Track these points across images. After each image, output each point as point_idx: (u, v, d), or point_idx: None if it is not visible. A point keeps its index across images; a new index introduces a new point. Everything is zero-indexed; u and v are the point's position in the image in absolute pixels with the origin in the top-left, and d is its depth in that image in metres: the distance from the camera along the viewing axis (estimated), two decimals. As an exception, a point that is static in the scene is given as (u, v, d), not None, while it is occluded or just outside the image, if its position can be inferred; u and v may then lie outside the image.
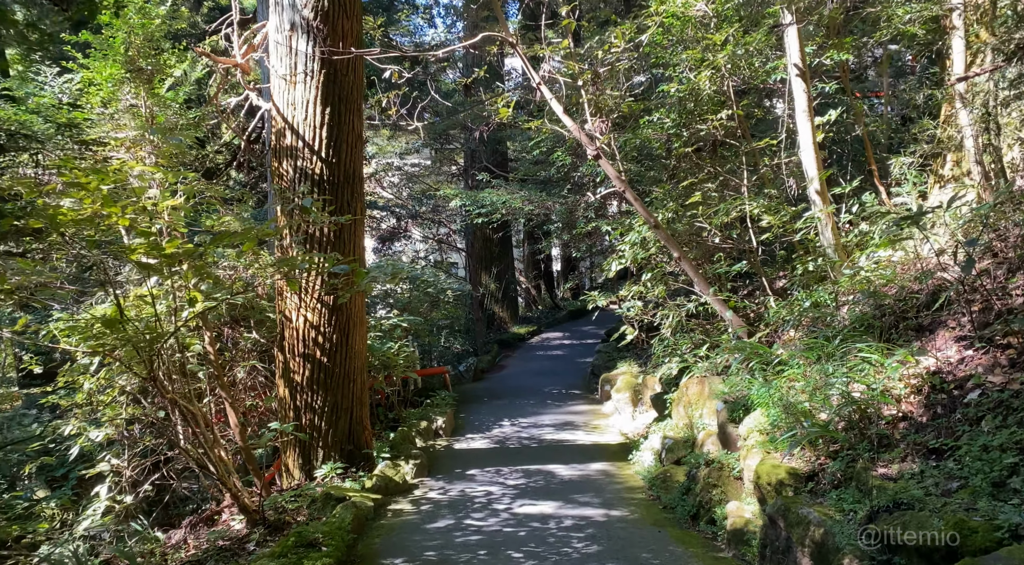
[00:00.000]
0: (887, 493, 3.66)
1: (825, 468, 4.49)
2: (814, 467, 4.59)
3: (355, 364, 7.34)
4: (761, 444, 5.36)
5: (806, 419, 4.96)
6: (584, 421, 10.23)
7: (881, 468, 4.05)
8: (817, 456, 4.67)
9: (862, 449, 4.32)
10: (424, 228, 19.91)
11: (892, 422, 4.47)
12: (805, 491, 4.47)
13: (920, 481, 3.71)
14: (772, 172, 7.63)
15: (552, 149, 10.99)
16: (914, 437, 4.13)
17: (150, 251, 4.21)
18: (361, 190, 7.25)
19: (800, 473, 4.62)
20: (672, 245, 7.17)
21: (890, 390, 4.65)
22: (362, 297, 7.44)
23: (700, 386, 7.33)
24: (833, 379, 5.00)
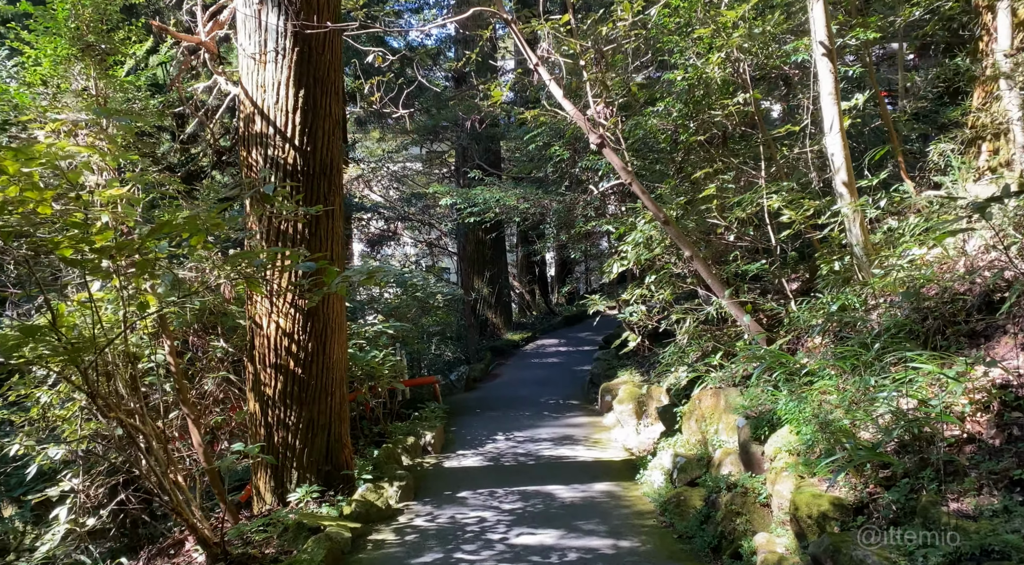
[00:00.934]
0: (969, 536, 3.01)
1: (877, 499, 3.84)
2: (862, 497, 3.94)
3: (333, 375, 6.67)
4: (792, 467, 4.71)
5: (847, 439, 4.31)
6: (584, 435, 9.58)
7: (952, 502, 3.40)
8: (865, 483, 4.02)
9: (924, 478, 3.68)
10: (414, 231, 19.23)
11: (956, 444, 3.83)
12: (854, 526, 3.82)
13: (1007, 520, 3.07)
14: (792, 163, 7.01)
15: (549, 144, 10.36)
16: (989, 464, 3.49)
17: (78, 244, 3.53)
18: (339, 182, 6.59)
19: (846, 504, 3.97)
20: (684, 243, 6.53)
21: (950, 407, 4.01)
22: (341, 301, 6.77)
23: (715, 398, 6.69)
24: (879, 393, 4.36)
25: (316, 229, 6.37)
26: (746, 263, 6.85)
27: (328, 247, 6.44)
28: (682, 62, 8.08)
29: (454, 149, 16.79)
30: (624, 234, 9.08)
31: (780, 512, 4.74)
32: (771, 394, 5.84)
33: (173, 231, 3.33)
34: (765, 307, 6.84)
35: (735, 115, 7.34)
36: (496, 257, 18.75)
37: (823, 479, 4.31)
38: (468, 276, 18.44)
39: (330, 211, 6.45)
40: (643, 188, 6.49)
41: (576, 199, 10.49)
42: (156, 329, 6.22)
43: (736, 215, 6.63)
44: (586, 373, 14.10)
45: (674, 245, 8.05)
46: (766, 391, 5.97)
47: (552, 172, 11.29)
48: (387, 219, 17.43)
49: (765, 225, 6.83)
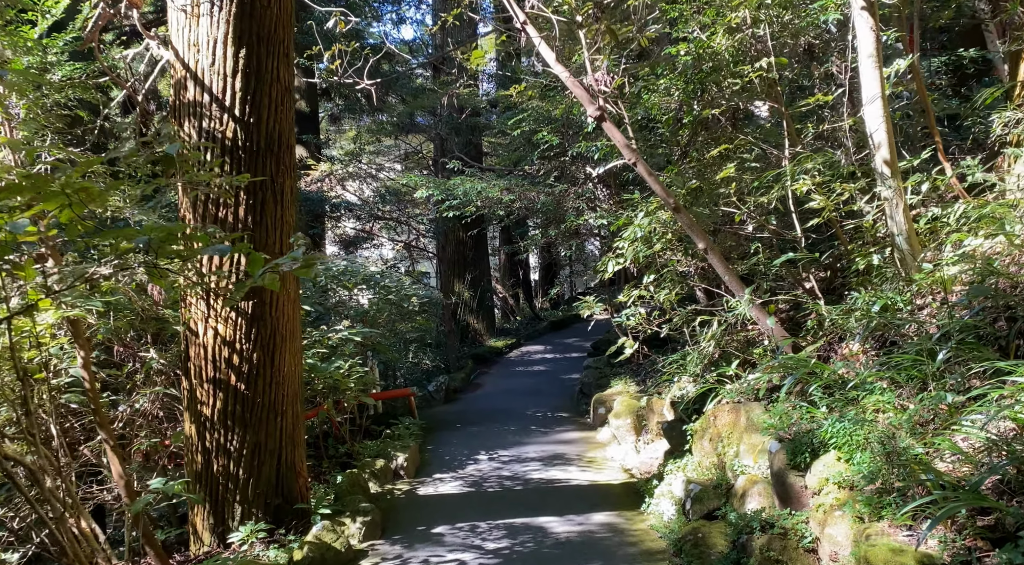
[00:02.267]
0: None
1: (983, 559, 2.94)
2: (960, 554, 3.03)
3: (284, 391, 5.69)
4: (848, 505, 3.80)
5: (925, 473, 3.41)
6: (577, 453, 8.64)
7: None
8: (960, 534, 3.11)
9: (1054, 533, 2.78)
10: (390, 230, 18.22)
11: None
12: (952, 594, 2.92)
13: None
14: (819, 142, 6.14)
15: (536, 130, 9.45)
16: None
17: None
18: (291, 162, 5.62)
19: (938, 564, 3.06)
20: (697, 233, 5.64)
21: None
22: (294, 304, 5.80)
23: (734, 415, 5.78)
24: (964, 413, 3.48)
25: (262, 217, 5.39)
26: (766, 257, 5.96)
27: (276, 238, 5.48)
28: (687, 33, 7.21)
29: (432, 142, 15.79)
30: (621, 228, 8.19)
31: (832, 563, 3.83)
32: (806, 412, 4.95)
33: (9, 196, 2.35)
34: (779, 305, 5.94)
35: (748, 90, 6.46)
36: (478, 259, 17.81)
37: (896, 525, 3.40)
38: (448, 279, 17.46)
39: (279, 196, 5.48)
40: (649, 169, 5.60)
41: (566, 191, 9.59)
42: (67, 338, 5.22)
43: (758, 200, 5.74)
44: (575, 382, 13.19)
45: (680, 240, 7.16)
46: (799, 408, 5.07)
47: (539, 163, 10.38)
48: (359, 217, 16.41)
49: (789, 213, 5.95)
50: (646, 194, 8.78)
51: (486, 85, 15.71)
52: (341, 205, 15.27)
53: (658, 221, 7.83)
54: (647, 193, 8.85)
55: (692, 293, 9.56)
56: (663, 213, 7.89)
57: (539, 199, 9.36)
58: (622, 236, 8.45)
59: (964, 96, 7.64)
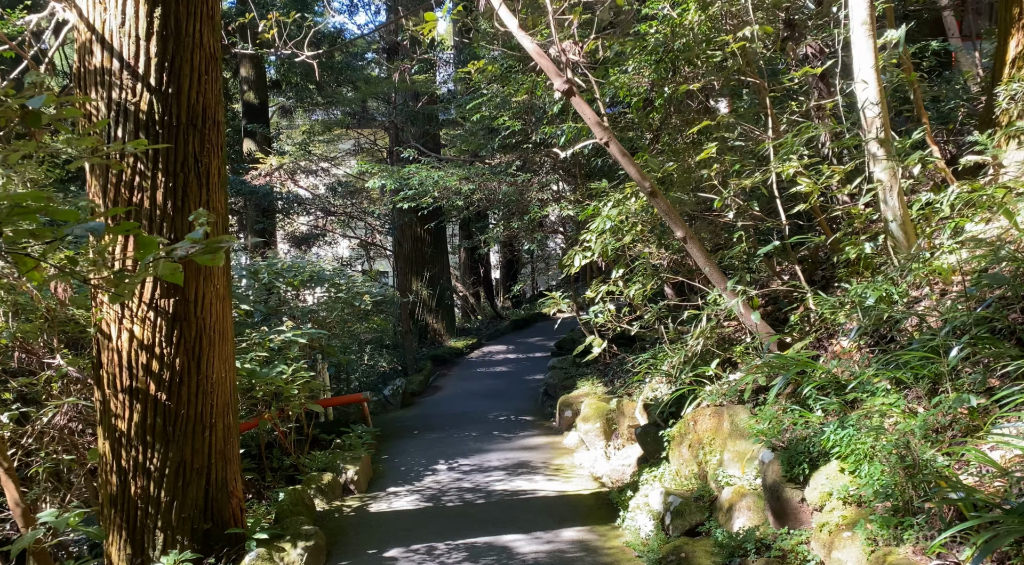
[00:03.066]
0: None
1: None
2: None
3: (213, 401, 5.04)
4: (859, 525, 3.34)
5: (956, 490, 2.95)
6: (543, 460, 8.11)
7: None
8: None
9: None
10: (345, 227, 17.46)
11: None
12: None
13: None
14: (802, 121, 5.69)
15: (494, 117, 8.88)
16: None
17: None
18: (219, 140, 4.98)
19: (982, 601, 2.59)
20: (675, 220, 5.15)
21: None
22: (223, 302, 5.15)
23: (716, 420, 5.31)
24: (993, 419, 3.03)
25: (184, 202, 4.73)
26: (750, 246, 5.49)
27: (214, 235, 4.80)
28: (656, 10, 6.73)
29: (387, 133, 15.07)
30: (588, 220, 7.69)
31: (842, 591, 3.36)
32: (799, 416, 4.49)
33: None
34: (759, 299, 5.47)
35: (724, 68, 6.00)
36: (436, 256, 17.17)
37: (923, 552, 2.93)
38: (405, 277, 16.80)
39: (204, 178, 4.83)
40: (623, 149, 5.08)
41: (529, 181, 9.05)
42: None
43: (741, 184, 5.26)
44: (540, 383, 12.68)
45: (654, 230, 6.69)
46: (791, 412, 4.61)
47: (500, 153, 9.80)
48: (309, 211, 15.63)
49: (773, 199, 5.50)
50: (615, 183, 8.31)
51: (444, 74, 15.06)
52: (291, 198, 14.49)
53: (628, 211, 7.36)
54: (616, 182, 8.36)
55: (663, 289, 9.12)
56: (634, 202, 7.42)
57: (501, 189, 8.80)
58: (589, 228, 7.96)
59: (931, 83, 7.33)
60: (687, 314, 6.07)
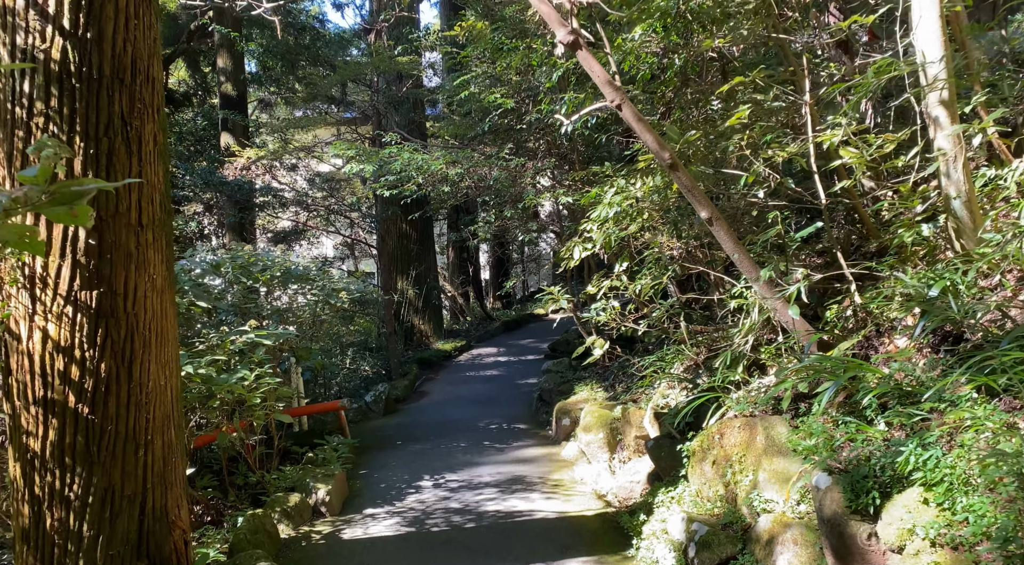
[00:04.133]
0: None
1: None
2: None
3: (149, 414, 4.24)
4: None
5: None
6: (540, 475, 7.34)
7: None
8: None
9: None
10: (327, 223, 16.60)
11: None
12: None
13: None
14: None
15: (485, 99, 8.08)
16: None
17: None
18: (154, 100, 4.17)
19: None
20: (699, 198, 4.39)
21: None
22: (162, 295, 4.35)
23: (747, 433, 4.55)
24: None
25: (109, 174, 3.92)
26: (785, 230, 4.73)
27: (131, 203, 4.02)
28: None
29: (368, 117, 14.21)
30: (588, 208, 6.95)
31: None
32: (856, 430, 3.73)
33: None
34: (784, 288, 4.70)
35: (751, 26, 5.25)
36: (423, 253, 16.35)
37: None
38: (390, 275, 15.98)
39: (135, 145, 4.03)
40: (637, 113, 4.32)
41: (523, 166, 8.27)
42: None
43: (780, 156, 4.49)
44: (533, 388, 11.92)
45: (668, 214, 5.94)
46: (844, 424, 3.85)
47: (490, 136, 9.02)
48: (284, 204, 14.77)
49: (810, 174, 4.74)
50: (618, 165, 7.56)
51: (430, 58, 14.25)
52: (268, 191, 13.66)
53: (633, 196, 6.63)
54: (619, 164, 7.63)
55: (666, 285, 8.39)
56: (639, 187, 6.69)
57: (492, 175, 8.02)
58: (590, 217, 7.22)
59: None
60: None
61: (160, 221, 4.31)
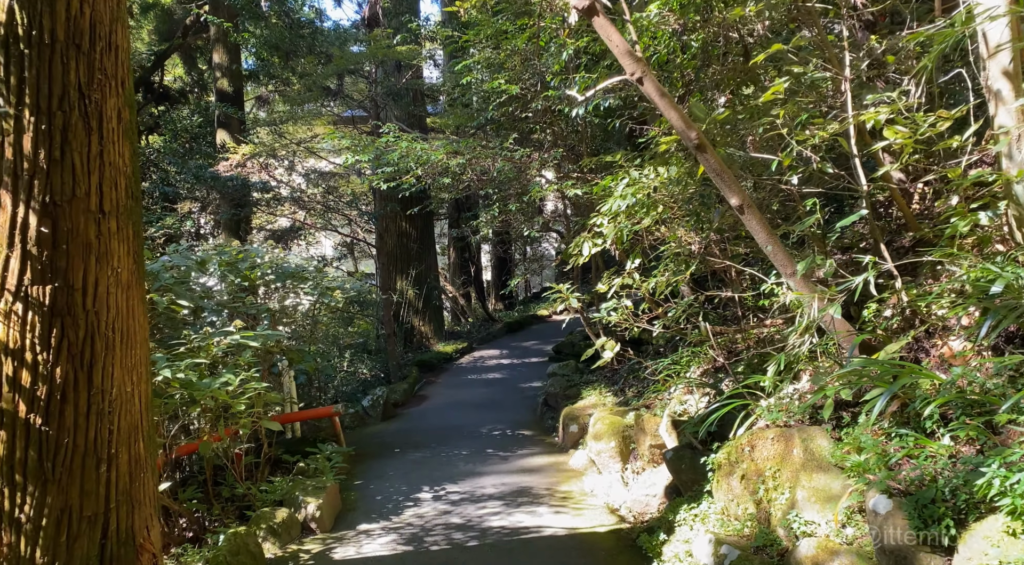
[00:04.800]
0: None
1: None
2: None
3: (112, 424, 3.79)
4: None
5: None
6: (547, 486, 6.89)
7: None
8: None
9: None
10: (322, 218, 16.14)
11: None
12: None
13: None
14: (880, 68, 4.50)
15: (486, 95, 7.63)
16: None
17: None
18: (118, 72, 3.73)
19: None
20: (729, 183, 3.94)
21: None
22: (128, 291, 3.90)
23: (783, 445, 4.09)
24: None
25: (63, 153, 3.49)
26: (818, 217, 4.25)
27: (90, 186, 3.57)
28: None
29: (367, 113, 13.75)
30: (599, 200, 6.51)
31: None
32: (914, 444, 3.27)
33: None
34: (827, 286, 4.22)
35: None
36: (423, 252, 15.91)
37: None
38: (389, 274, 15.53)
39: (95, 122, 3.59)
40: (661, 87, 3.87)
41: (528, 157, 7.81)
42: None
43: (819, 135, 4.03)
44: (537, 392, 11.48)
45: (690, 204, 5.49)
46: (901, 438, 3.40)
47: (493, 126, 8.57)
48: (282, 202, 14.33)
49: (852, 157, 4.28)
50: (630, 154, 7.12)
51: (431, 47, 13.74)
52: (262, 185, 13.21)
53: (648, 187, 6.19)
54: (631, 154, 7.18)
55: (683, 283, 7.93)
56: (653, 178, 6.25)
57: (495, 166, 7.56)
58: (600, 211, 6.78)
59: None
60: (745, 304, 4.82)
61: (126, 208, 3.86)
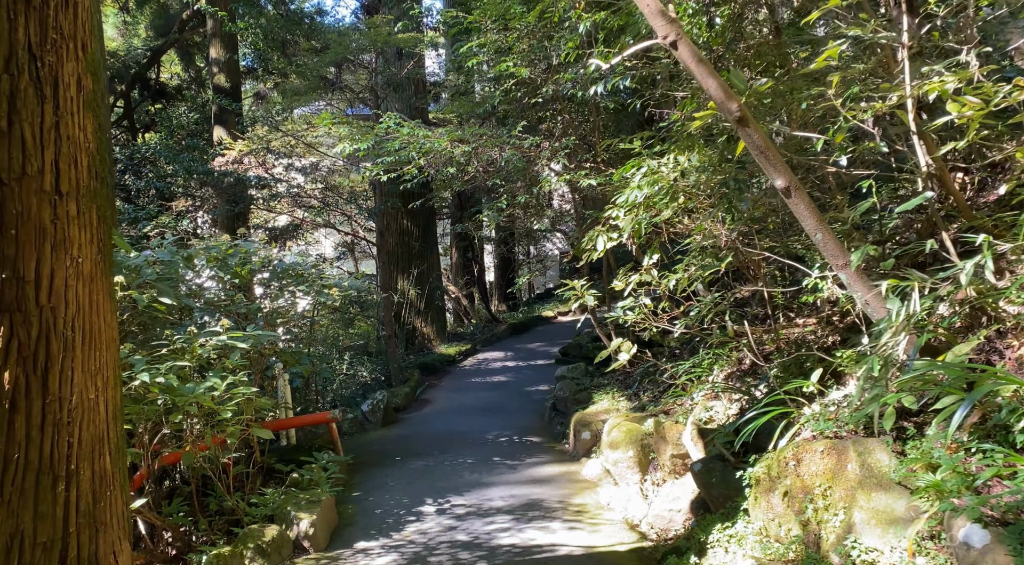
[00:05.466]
0: None
1: None
2: None
3: (72, 436, 3.33)
4: None
5: None
6: (560, 498, 6.43)
7: None
8: None
9: None
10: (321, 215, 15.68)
11: None
12: None
13: None
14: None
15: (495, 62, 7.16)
16: None
17: None
18: (78, 32, 3.28)
19: None
20: (774, 162, 3.49)
21: None
22: (90, 284, 3.43)
23: (835, 459, 3.63)
24: None
25: (11, 125, 3.03)
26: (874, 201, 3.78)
27: (43, 162, 3.12)
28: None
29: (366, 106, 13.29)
30: (618, 186, 6.06)
31: None
32: (1003, 462, 2.80)
33: None
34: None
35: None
36: (425, 251, 15.45)
37: None
38: (390, 274, 15.08)
39: (48, 89, 3.13)
40: (698, 53, 3.42)
41: (537, 146, 7.34)
42: None
43: (874, 108, 3.56)
44: (544, 396, 11.02)
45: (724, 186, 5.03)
46: (985, 454, 2.93)
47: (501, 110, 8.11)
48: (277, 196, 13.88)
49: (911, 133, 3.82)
50: (648, 142, 6.66)
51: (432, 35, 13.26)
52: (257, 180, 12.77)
53: (670, 176, 5.75)
54: (649, 141, 6.73)
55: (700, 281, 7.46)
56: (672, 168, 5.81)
57: (503, 155, 7.10)
58: (615, 203, 6.34)
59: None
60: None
61: (88, 190, 3.39)
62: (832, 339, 5.44)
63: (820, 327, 5.78)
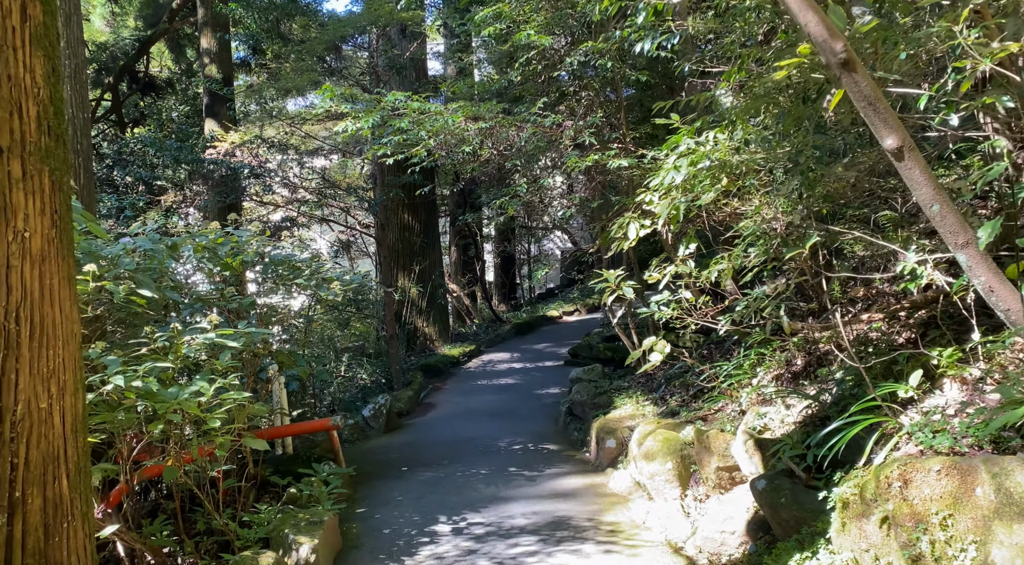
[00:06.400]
0: None
1: None
2: None
3: (17, 455, 2.70)
4: None
5: None
6: (588, 515, 5.78)
7: None
8: None
9: None
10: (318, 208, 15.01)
11: None
12: None
13: None
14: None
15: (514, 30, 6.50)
16: None
17: None
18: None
19: None
20: (886, 117, 2.86)
21: None
22: (45, 265, 2.78)
23: (958, 481, 2.99)
24: None
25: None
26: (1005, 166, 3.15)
27: (5, 130, 2.46)
28: None
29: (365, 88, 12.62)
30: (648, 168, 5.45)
31: None
32: None
33: None
34: None
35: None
36: (427, 247, 14.79)
37: None
38: (390, 271, 14.42)
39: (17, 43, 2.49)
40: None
41: (559, 125, 6.67)
42: None
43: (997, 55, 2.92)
44: (556, 399, 10.39)
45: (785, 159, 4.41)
46: None
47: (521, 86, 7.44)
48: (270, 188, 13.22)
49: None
50: (687, 117, 6.04)
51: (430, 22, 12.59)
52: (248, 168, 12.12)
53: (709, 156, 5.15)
54: (688, 116, 6.11)
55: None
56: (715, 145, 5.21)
57: (522, 135, 6.45)
58: (648, 186, 5.74)
59: None
60: (832, 292, 3.70)
61: (38, 148, 2.73)
62: (905, 336, 4.81)
63: (886, 322, 5.16)
